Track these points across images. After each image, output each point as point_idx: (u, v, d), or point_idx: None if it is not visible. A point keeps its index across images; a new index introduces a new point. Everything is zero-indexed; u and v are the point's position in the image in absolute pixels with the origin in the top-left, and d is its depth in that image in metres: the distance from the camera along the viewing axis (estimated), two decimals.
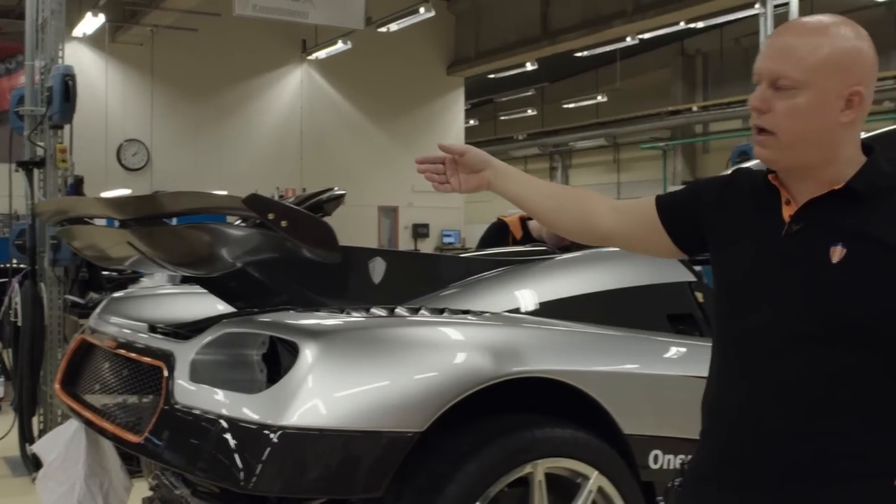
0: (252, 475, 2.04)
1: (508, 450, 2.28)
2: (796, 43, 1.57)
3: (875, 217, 1.55)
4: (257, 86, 19.05)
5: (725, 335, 1.72)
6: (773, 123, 1.58)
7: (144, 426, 2.37)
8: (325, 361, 2.11)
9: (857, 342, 1.55)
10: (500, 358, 2.23)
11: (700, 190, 1.84)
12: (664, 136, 26.62)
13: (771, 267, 1.61)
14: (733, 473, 1.65)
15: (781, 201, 1.64)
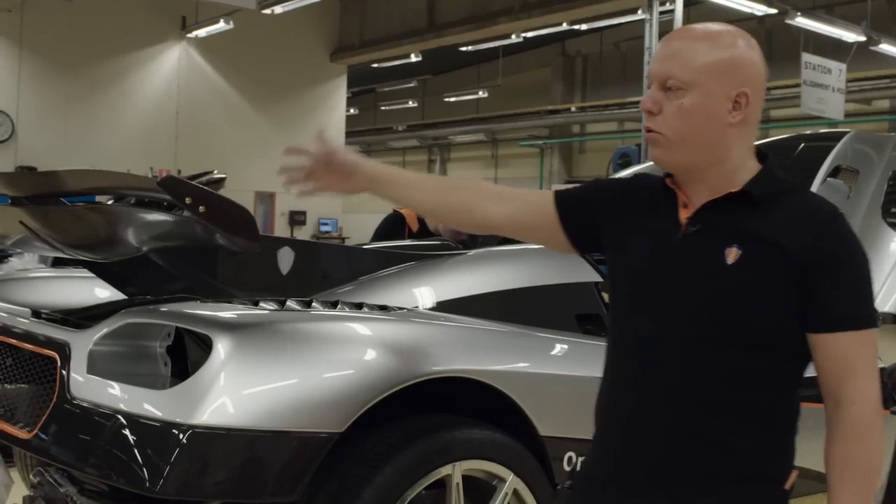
0: (160, 477, 1.90)
1: (427, 451, 2.21)
2: (685, 46, 1.63)
3: (769, 221, 1.59)
4: (133, 62, 18.31)
5: (619, 336, 1.72)
6: (662, 124, 1.62)
7: (34, 421, 2.19)
8: (241, 356, 1.98)
9: (748, 343, 1.58)
10: (421, 356, 2.16)
11: (600, 190, 1.85)
12: (542, 135, 27.06)
13: (666, 268, 1.63)
14: (624, 475, 1.66)
15: (679, 204, 1.67)
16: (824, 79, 11.65)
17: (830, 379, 1.59)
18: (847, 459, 1.57)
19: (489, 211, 1.89)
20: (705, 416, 1.59)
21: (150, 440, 1.94)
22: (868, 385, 1.58)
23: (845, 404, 1.57)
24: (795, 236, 1.56)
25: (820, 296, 1.56)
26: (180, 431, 1.92)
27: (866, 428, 1.57)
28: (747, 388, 1.59)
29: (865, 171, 4.32)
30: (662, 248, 1.65)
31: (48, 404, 2.17)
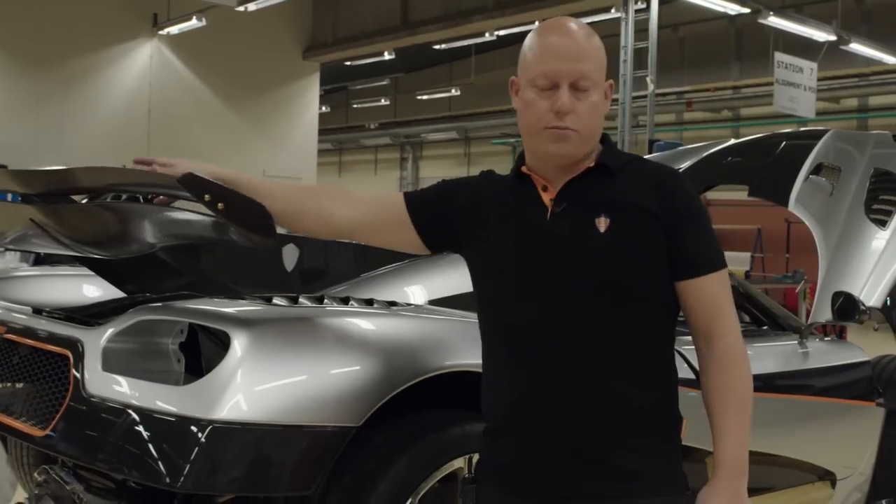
0: (181, 472, 1.91)
1: (440, 445, 2.24)
2: (586, 46, 1.73)
3: (626, 187, 1.74)
4: (104, 59, 18.14)
5: (501, 326, 1.80)
6: (576, 121, 1.71)
7: (47, 419, 2.19)
8: (259, 352, 2.00)
9: (633, 302, 1.71)
10: (434, 351, 2.19)
11: (451, 190, 1.95)
12: (514, 133, 27.14)
13: (542, 248, 1.73)
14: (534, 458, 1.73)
15: (538, 189, 1.76)
16: (796, 78, 11.82)
17: (704, 319, 1.76)
18: (727, 386, 1.74)
19: (342, 214, 1.97)
20: (606, 379, 1.70)
21: (169, 436, 1.95)
22: (733, 318, 1.78)
23: (717, 337, 1.75)
24: (653, 197, 1.72)
25: (684, 246, 1.73)
26: (200, 427, 1.93)
27: (738, 355, 1.76)
28: (637, 346, 1.73)
29: (847, 168, 4.39)
30: (533, 231, 1.75)
31: (62, 401, 2.17)
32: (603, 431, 1.70)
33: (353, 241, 2.71)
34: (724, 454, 1.73)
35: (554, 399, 1.71)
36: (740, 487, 1.74)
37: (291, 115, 21.25)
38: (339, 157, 32.87)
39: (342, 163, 33.21)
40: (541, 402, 1.72)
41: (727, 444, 1.73)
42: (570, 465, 1.71)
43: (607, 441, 1.70)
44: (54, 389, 2.24)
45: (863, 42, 15.28)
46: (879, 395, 3.92)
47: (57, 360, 2.29)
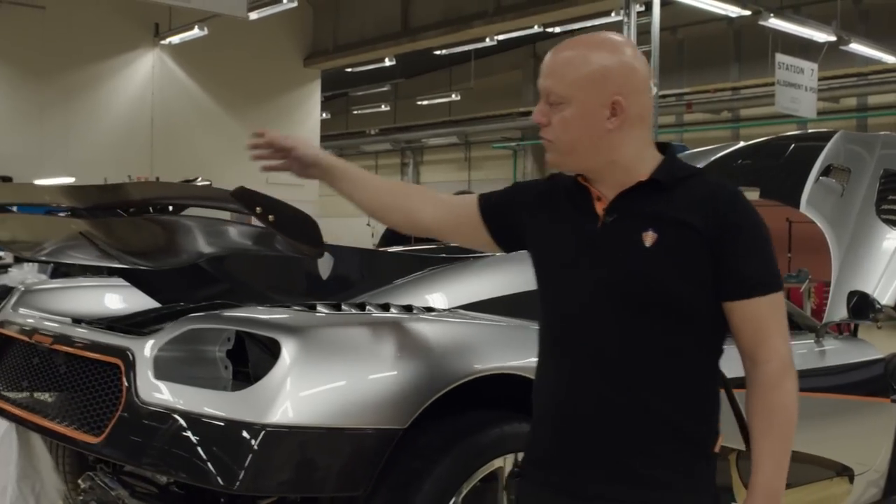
0: (238, 475, 1.98)
1: (481, 445, 2.31)
2: (559, 62, 1.76)
3: (678, 203, 1.74)
4: (106, 69, 18.23)
5: (548, 325, 1.87)
6: (551, 133, 1.77)
7: (100, 426, 2.27)
8: (308, 358, 2.08)
9: (671, 317, 1.72)
10: (475, 354, 2.26)
11: (519, 191, 2.02)
12: (515, 137, 27.23)
13: (590, 255, 1.77)
14: (563, 452, 1.79)
15: (593, 198, 1.81)
16: (797, 78, 11.90)
17: (747, 341, 1.75)
18: (769, 410, 1.73)
19: (425, 214, 2.07)
20: (636, 388, 1.73)
21: (224, 440, 2.03)
22: (780, 344, 1.74)
23: (762, 363, 1.74)
24: (704, 214, 1.71)
25: (732, 266, 1.71)
26: (254, 431, 2.01)
27: (781, 381, 1.73)
28: (672, 359, 1.73)
29: (857, 169, 4.46)
30: (584, 238, 1.79)
31: (115, 409, 2.24)
32: (629, 438, 1.73)
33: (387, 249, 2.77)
34: (758, 480, 1.74)
35: (585, 400, 1.76)
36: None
37: (293, 123, 21.31)
38: None
39: None
40: (572, 402, 1.78)
41: (763, 470, 1.74)
42: (594, 465, 1.76)
43: (633, 448, 1.73)
44: (106, 397, 2.32)
45: (862, 42, 15.37)
46: (894, 392, 4.00)
47: (107, 369, 2.36)
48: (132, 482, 2.73)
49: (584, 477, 1.76)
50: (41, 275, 6.16)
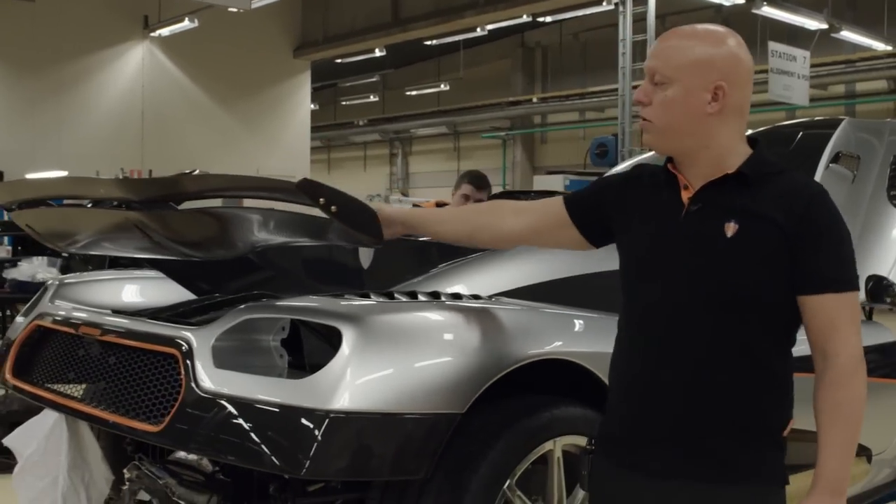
0: (304, 461, 2.03)
1: (532, 428, 2.37)
2: (670, 45, 1.85)
3: (762, 198, 1.80)
4: (96, 62, 18.18)
5: (630, 309, 1.93)
6: (650, 113, 1.86)
7: (160, 415, 2.31)
8: (369, 346, 2.12)
9: (747, 306, 1.79)
10: (526, 340, 2.32)
11: (604, 187, 2.10)
12: (504, 126, 27.27)
13: (673, 243, 1.84)
14: (641, 430, 1.86)
15: (680, 187, 1.87)
16: (790, 66, 12.00)
17: (818, 335, 1.80)
18: (838, 404, 1.77)
19: (511, 225, 2.20)
20: (711, 373, 1.80)
21: (290, 427, 2.07)
22: (851, 340, 1.78)
23: (831, 357, 1.78)
24: (786, 211, 1.77)
25: (808, 262, 1.77)
26: (319, 417, 2.05)
27: (850, 377, 1.77)
28: (747, 347, 1.80)
29: (867, 156, 4.52)
30: (668, 226, 1.86)
31: (175, 399, 2.28)
32: (701, 419, 1.80)
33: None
34: (823, 471, 1.78)
35: (666, 384, 1.83)
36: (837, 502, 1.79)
37: (284, 114, 21.32)
38: (328, 155, 32.93)
39: (331, 160, 33.26)
40: (648, 383, 1.86)
41: (830, 462, 1.78)
42: (666, 444, 1.83)
43: (711, 430, 1.80)
44: (164, 387, 2.35)
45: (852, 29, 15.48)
46: None
47: (164, 359, 2.40)
48: (179, 471, 2.77)
49: (662, 457, 1.83)
50: (51, 268, 6.17)
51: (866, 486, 3.95)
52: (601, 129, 24.01)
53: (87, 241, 2.99)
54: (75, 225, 2.81)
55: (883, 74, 18.69)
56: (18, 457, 2.71)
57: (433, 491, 2.24)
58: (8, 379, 3.02)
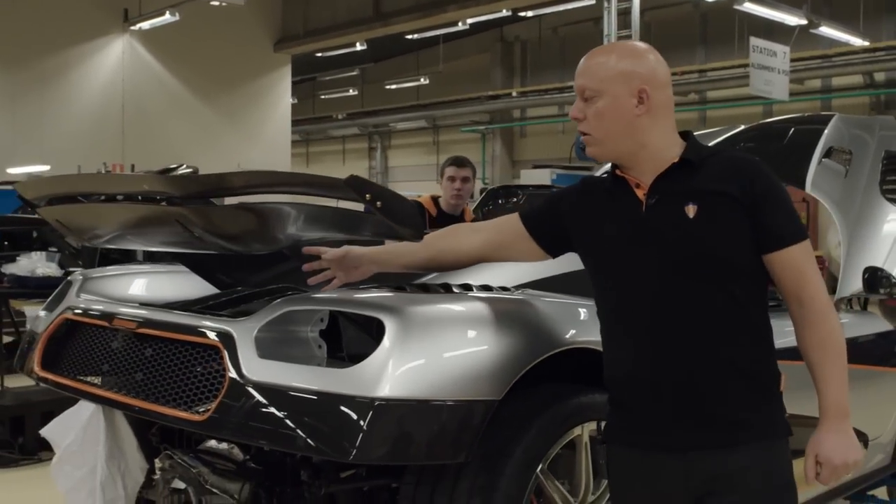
0: (351, 446, 2.11)
1: (562, 415, 2.46)
2: (593, 63, 2.06)
3: (710, 177, 2.01)
4: (77, 56, 18.08)
5: (606, 307, 2.12)
6: (587, 127, 2.06)
7: (204, 405, 2.38)
8: (411, 335, 2.20)
9: (723, 276, 1.98)
10: (556, 330, 2.41)
11: (558, 201, 2.28)
12: (483, 120, 27.38)
13: (640, 235, 2.02)
14: (649, 415, 2.02)
15: (632, 186, 2.06)
16: (770, 61, 12.17)
17: (791, 285, 2.01)
18: (822, 339, 2.00)
19: (470, 242, 2.42)
20: (704, 343, 1.97)
21: (338, 414, 2.15)
22: (819, 284, 2.03)
23: (807, 301, 2.01)
24: (736, 183, 1.97)
25: (767, 223, 1.98)
26: (365, 405, 2.13)
27: (827, 313, 2.02)
28: (730, 312, 1.99)
29: (858, 151, 4.64)
30: (631, 223, 2.03)
31: (219, 388, 2.35)
32: (712, 390, 1.97)
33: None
34: (827, 400, 2.00)
35: (667, 366, 1.99)
36: (846, 427, 2.01)
37: (264, 108, 21.30)
38: (306, 149, 32.89)
39: (310, 154, 33.23)
40: (656, 371, 2.01)
41: (829, 391, 1.99)
42: (685, 420, 1.99)
43: (716, 398, 1.97)
44: (207, 378, 2.43)
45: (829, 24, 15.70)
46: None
47: (205, 350, 2.47)
48: (210, 459, 2.85)
49: (673, 431, 1.99)
50: (51, 263, 6.19)
51: (862, 470, 4.09)
52: None
53: (112, 235, 3.06)
54: (108, 220, 2.88)
55: (859, 69, 18.97)
56: (56, 447, 2.77)
57: (470, 475, 2.33)
58: (37, 371, 3.08)
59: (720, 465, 1.97)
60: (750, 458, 1.98)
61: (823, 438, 2.00)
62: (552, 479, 2.45)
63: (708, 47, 22.17)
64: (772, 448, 2.01)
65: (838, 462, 1.99)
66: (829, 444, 1.99)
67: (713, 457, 1.98)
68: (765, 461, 1.99)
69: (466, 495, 2.32)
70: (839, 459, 1.99)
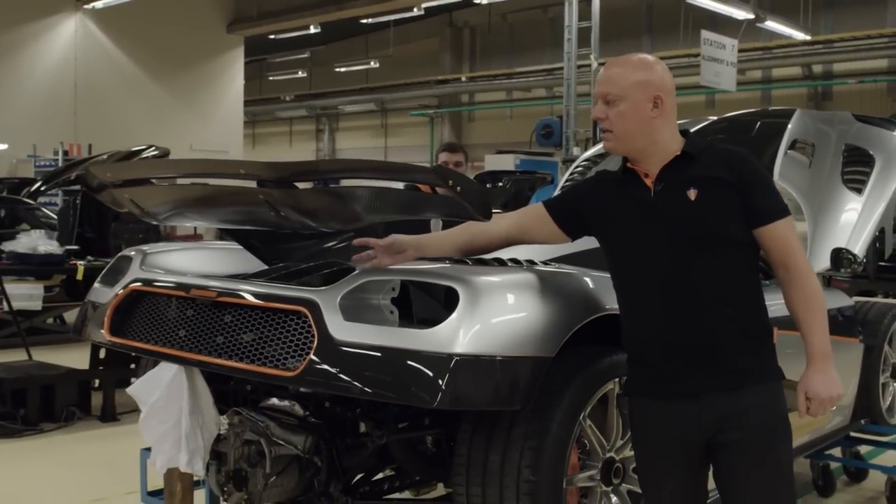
0: (437, 394, 2.49)
1: (599, 371, 2.87)
2: (614, 72, 2.47)
3: (706, 166, 2.42)
4: (28, 34, 17.96)
5: (624, 279, 2.55)
6: (609, 125, 2.47)
7: (294, 363, 2.73)
8: (481, 301, 2.58)
9: (720, 246, 2.38)
10: (596, 298, 2.82)
11: (579, 191, 2.74)
12: (432, 104, 27.70)
13: (652, 215, 2.45)
14: (667, 369, 2.43)
15: (641, 176, 2.50)
16: (719, 54, 12.74)
17: (778, 254, 2.42)
18: (807, 297, 2.41)
19: (500, 227, 2.81)
20: (710, 303, 2.37)
21: (423, 367, 2.51)
22: (801, 251, 2.45)
23: (792, 266, 2.41)
24: (728, 169, 2.39)
25: (757, 202, 2.39)
26: (447, 359, 2.51)
27: (809, 275, 2.44)
28: (730, 278, 2.39)
29: (820, 143, 5.12)
30: (642, 207, 2.44)
31: (308, 348, 2.71)
32: (717, 343, 2.38)
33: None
34: (813, 346, 2.41)
35: (678, 325, 2.40)
36: (830, 367, 2.42)
37: (217, 89, 21.35)
38: (252, 130, 32.84)
39: (255, 135, 33.19)
40: (668, 330, 2.41)
41: (815, 339, 2.41)
42: (696, 370, 2.40)
43: (722, 350, 2.38)
44: (295, 340, 2.78)
45: (772, 18, 16.37)
46: (860, 333, 4.74)
47: (291, 316, 2.82)
48: (275, 415, 3.19)
49: (686, 380, 2.41)
50: (51, 241, 6.42)
51: (824, 430, 4.59)
52: (528, 109, 24.73)
53: (179, 212, 3.40)
54: (181, 199, 3.20)
55: (798, 61, 19.78)
56: (141, 405, 3.09)
57: (523, 422, 2.73)
58: (106, 337, 3.39)
59: (728, 405, 2.37)
60: (752, 399, 2.38)
61: (811, 378, 2.40)
62: (591, 425, 2.87)
63: (654, 36, 22.80)
64: (769, 390, 2.42)
65: (825, 396, 2.39)
66: (817, 382, 2.39)
67: (721, 399, 2.37)
68: (764, 401, 2.40)
69: (522, 439, 2.72)
70: (826, 394, 2.39)
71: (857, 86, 20.17)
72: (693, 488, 2.51)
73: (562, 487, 2.74)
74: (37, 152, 16.64)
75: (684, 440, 2.43)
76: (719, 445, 2.40)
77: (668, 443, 2.46)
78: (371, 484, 3.33)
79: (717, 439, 2.39)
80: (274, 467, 3.05)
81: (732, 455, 2.40)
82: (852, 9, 19.81)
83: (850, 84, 20.30)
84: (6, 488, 5.04)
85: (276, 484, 3.08)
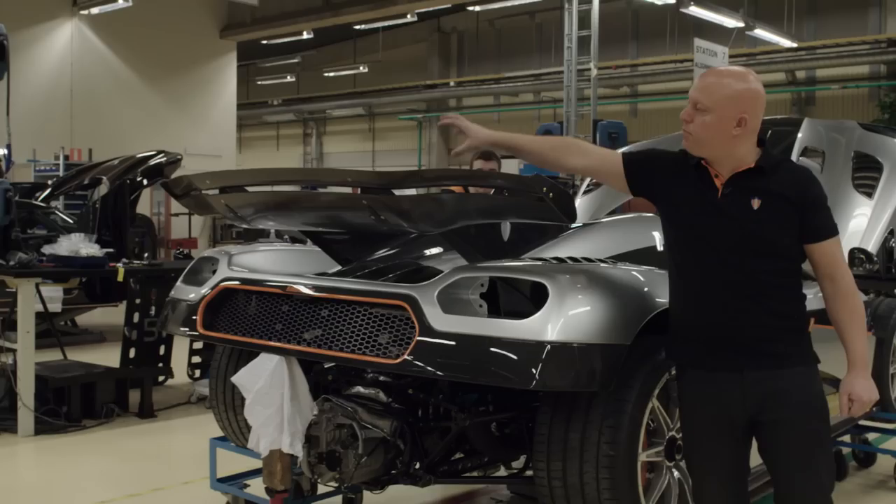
0: (532, 377, 2.81)
1: (660, 359, 3.20)
2: (710, 82, 2.62)
3: (773, 181, 2.62)
4: (25, 39, 18.04)
5: (684, 267, 2.80)
6: (692, 129, 2.64)
7: (397, 351, 3.04)
8: (568, 294, 2.91)
9: (772, 254, 2.62)
10: (659, 293, 3.14)
11: (657, 156, 2.95)
12: (420, 109, 27.99)
13: (716, 213, 2.65)
14: (715, 348, 2.70)
15: (712, 176, 2.73)
16: (711, 61, 13.13)
17: (826, 268, 2.67)
18: (851, 309, 2.67)
19: (575, 162, 2.94)
20: (759, 298, 2.62)
21: (520, 353, 2.83)
22: (846, 268, 2.70)
23: (839, 280, 2.67)
24: (792, 188, 2.61)
25: (813, 221, 2.63)
26: (540, 346, 2.83)
27: (854, 290, 2.69)
28: (778, 279, 2.65)
29: (831, 150, 5.46)
30: (709, 204, 2.65)
31: (410, 338, 3.02)
32: (760, 328, 2.64)
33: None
34: (855, 354, 2.69)
35: (728, 312, 2.66)
36: (868, 374, 2.70)
37: (210, 94, 21.53)
38: (239, 134, 32.92)
39: (243, 139, 33.26)
40: (717, 319, 2.68)
41: (856, 347, 2.69)
42: (738, 349, 2.66)
43: (762, 334, 2.65)
44: (396, 330, 3.09)
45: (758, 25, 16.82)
46: (871, 327, 5.10)
47: (391, 310, 3.13)
48: (362, 402, 3.50)
49: (733, 358, 2.68)
50: (92, 245, 6.66)
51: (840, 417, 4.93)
52: (515, 114, 25.11)
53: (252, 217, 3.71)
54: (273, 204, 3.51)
55: (782, 67, 20.26)
56: (245, 392, 3.39)
57: (601, 403, 3.06)
58: (200, 331, 3.68)
59: (770, 385, 2.62)
60: (792, 379, 2.64)
61: (854, 381, 2.68)
62: (659, 406, 3.19)
63: (640, 42, 23.22)
64: (807, 373, 2.68)
65: (866, 399, 2.67)
66: (860, 386, 2.67)
67: (764, 379, 2.62)
68: (803, 382, 2.66)
69: (601, 418, 3.04)
70: (867, 397, 2.68)
71: (839, 91, 20.70)
72: (736, 465, 2.77)
73: (637, 461, 3.07)
74: (36, 157, 16.80)
75: (729, 417, 2.69)
76: (763, 423, 2.67)
77: (713, 416, 2.72)
78: (449, 464, 3.64)
79: (760, 418, 2.67)
80: (365, 448, 3.36)
81: (778, 431, 2.67)
82: (835, 16, 20.35)
83: (833, 90, 20.82)
84: (65, 479, 5.30)
85: (366, 464, 3.38)
